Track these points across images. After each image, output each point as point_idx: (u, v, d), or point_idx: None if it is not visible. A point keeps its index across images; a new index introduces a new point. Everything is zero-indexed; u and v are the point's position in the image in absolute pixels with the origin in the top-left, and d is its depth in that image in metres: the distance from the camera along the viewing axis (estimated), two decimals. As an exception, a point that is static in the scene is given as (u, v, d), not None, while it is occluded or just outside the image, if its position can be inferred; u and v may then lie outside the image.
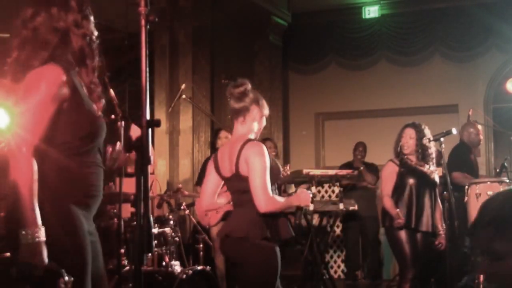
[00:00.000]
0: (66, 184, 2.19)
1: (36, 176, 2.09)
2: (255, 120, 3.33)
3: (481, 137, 6.40)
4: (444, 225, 4.89)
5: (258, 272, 3.23)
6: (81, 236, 2.19)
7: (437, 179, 4.83)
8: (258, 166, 3.16)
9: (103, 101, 2.32)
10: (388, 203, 4.77)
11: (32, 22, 2.21)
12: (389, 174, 4.86)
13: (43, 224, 2.08)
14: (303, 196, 3.33)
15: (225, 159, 3.34)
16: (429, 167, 4.80)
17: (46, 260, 2.06)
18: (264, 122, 3.43)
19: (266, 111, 3.40)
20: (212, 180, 3.43)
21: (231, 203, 3.49)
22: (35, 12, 2.23)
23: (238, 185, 3.28)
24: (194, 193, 5.85)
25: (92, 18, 2.33)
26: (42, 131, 2.14)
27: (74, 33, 2.24)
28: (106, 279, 2.42)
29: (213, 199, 3.45)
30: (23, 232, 2.04)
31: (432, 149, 4.85)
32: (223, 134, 5.84)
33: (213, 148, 6.04)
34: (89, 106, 2.26)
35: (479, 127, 6.35)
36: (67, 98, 2.18)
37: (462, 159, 6.20)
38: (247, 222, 3.23)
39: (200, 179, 5.97)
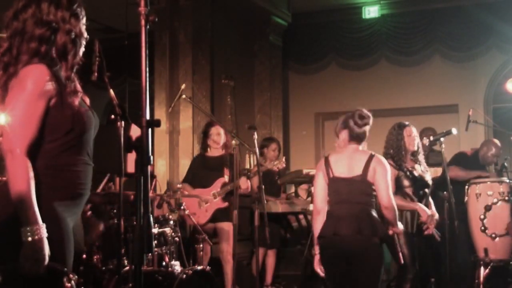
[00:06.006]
0: (53, 182, 2.21)
1: (32, 175, 2.12)
2: None
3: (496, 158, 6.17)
4: (433, 209, 4.74)
5: (370, 268, 3.74)
6: (65, 237, 2.21)
7: (430, 180, 4.74)
8: (387, 174, 3.85)
9: (79, 94, 2.31)
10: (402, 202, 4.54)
11: (23, 14, 2.27)
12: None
13: None
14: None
15: (341, 164, 3.91)
16: (421, 167, 4.72)
17: (47, 256, 2.09)
18: None
19: None
20: (323, 184, 3.93)
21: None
22: (26, 4, 2.29)
23: (359, 186, 3.82)
24: (192, 192, 5.77)
25: (83, 18, 2.36)
26: (34, 130, 2.17)
27: (60, 28, 2.29)
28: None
29: (325, 202, 3.92)
30: (25, 230, 2.07)
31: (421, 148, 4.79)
32: (214, 130, 5.66)
33: (205, 145, 5.81)
34: (72, 101, 2.27)
35: (498, 144, 6.19)
36: (53, 94, 2.21)
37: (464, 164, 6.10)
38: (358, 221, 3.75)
39: (187, 177, 5.87)
